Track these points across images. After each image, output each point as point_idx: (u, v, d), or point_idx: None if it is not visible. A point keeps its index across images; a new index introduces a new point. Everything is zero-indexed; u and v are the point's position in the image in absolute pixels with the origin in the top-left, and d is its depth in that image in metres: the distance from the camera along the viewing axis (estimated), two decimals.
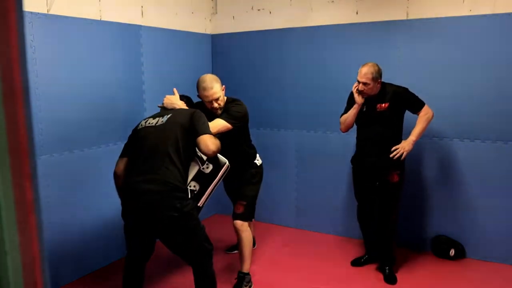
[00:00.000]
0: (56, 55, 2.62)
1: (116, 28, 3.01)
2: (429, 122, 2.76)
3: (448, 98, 3.00)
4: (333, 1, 3.47)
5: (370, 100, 2.81)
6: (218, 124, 2.43)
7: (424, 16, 3.13)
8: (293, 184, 3.84)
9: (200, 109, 2.58)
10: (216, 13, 4.04)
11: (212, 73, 4.01)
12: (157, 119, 2.18)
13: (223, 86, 2.56)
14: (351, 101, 2.92)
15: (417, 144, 2.83)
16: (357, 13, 3.39)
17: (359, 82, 2.75)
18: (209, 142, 2.01)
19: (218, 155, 2.24)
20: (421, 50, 3.15)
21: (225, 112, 2.51)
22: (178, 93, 2.51)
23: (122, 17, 3.06)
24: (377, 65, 2.74)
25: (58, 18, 2.60)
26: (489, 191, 3.07)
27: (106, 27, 2.94)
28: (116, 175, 2.18)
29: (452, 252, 3.15)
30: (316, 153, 3.69)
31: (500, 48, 2.91)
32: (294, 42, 3.66)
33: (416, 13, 3.16)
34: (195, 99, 2.66)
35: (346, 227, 3.62)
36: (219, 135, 2.35)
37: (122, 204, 2.11)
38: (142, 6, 3.24)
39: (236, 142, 2.66)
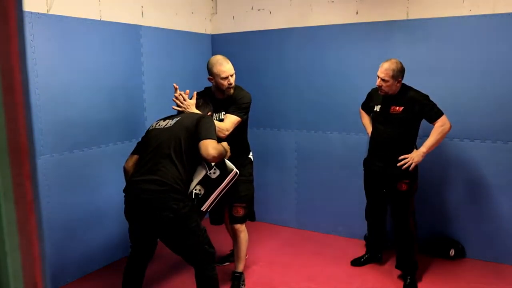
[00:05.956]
0: (56, 55, 2.62)
1: (116, 28, 3.01)
2: (444, 134, 2.62)
3: (447, 98, 2.99)
4: (333, 1, 3.47)
5: (386, 100, 2.73)
6: (234, 121, 2.49)
7: (424, 16, 3.12)
8: (293, 184, 3.84)
9: (207, 94, 2.62)
10: (216, 13, 4.04)
11: None
12: (167, 121, 2.23)
13: None
14: (369, 97, 2.96)
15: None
16: (357, 13, 3.39)
17: (378, 77, 2.64)
18: (209, 147, 1.99)
19: (227, 161, 2.23)
20: (421, 50, 3.15)
21: (234, 105, 2.54)
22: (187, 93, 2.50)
23: (122, 17, 3.06)
24: (400, 63, 2.62)
25: (58, 18, 2.60)
26: (488, 191, 3.07)
27: (106, 27, 2.94)
28: (124, 170, 2.27)
29: (452, 252, 3.15)
30: (316, 153, 3.69)
31: (500, 48, 2.91)
32: (294, 42, 3.66)
33: (416, 13, 3.15)
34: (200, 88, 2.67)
35: (346, 227, 3.62)
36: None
37: (124, 202, 2.13)
38: (142, 6, 3.24)
39: (238, 132, 2.60)
